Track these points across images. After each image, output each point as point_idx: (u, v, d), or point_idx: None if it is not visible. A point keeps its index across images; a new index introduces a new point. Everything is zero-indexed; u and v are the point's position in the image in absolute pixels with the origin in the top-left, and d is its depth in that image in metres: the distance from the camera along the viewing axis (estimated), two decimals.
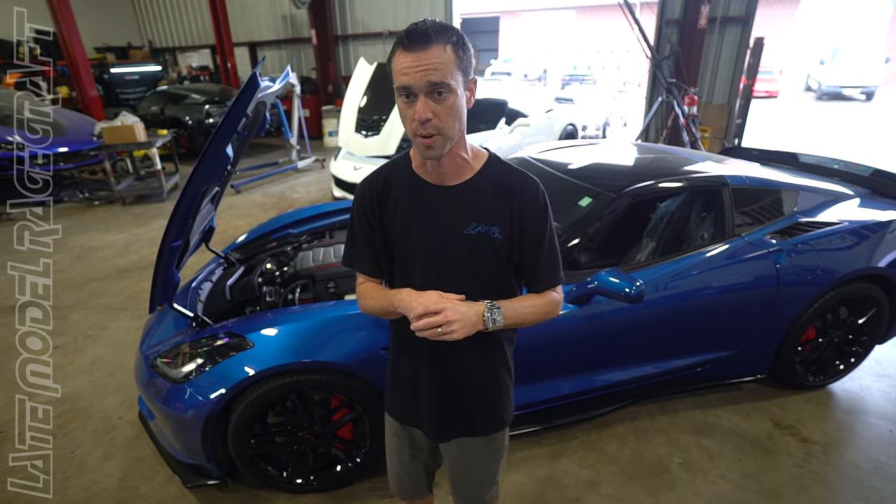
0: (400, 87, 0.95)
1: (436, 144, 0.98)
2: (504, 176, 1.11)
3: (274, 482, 2.04)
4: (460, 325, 1.01)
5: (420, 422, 1.27)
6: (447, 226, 1.09)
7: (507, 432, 1.33)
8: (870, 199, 2.71)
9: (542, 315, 1.15)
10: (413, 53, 0.93)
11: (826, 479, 2.14)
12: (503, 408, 1.27)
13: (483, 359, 1.20)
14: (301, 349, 1.86)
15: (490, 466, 1.32)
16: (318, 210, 3.27)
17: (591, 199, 2.26)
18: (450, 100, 0.96)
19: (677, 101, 7.03)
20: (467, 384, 1.21)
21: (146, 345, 2.15)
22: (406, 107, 0.97)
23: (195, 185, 1.71)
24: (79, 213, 6.09)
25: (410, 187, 1.12)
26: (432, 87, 0.93)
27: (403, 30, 0.95)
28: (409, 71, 0.93)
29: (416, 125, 0.96)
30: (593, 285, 1.91)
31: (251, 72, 1.66)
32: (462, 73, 0.97)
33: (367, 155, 5.54)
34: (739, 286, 2.32)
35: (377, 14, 10.47)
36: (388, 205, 1.14)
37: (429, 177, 1.11)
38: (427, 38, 0.92)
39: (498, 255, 1.10)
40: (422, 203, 1.11)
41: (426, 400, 1.22)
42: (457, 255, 1.09)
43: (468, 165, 1.10)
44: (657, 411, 2.55)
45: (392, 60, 0.97)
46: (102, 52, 13.25)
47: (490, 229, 1.08)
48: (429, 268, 1.11)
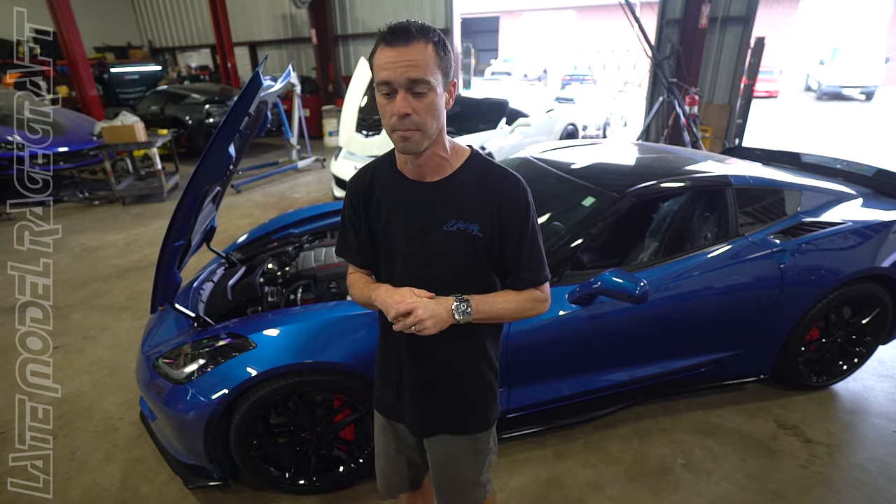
0: (380, 81, 0.96)
1: (413, 138, 0.99)
2: (485, 172, 1.11)
3: (276, 483, 2.04)
4: (432, 322, 1.04)
5: (403, 417, 1.29)
6: (427, 222, 1.10)
7: (493, 434, 1.33)
8: (873, 199, 2.70)
9: (522, 311, 1.15)
10: (394, 49, 0.93)
11: (830, 480, 2.13)
12: (487, 408, 1.27)
13: (463, 355, 1.21)
14: (303, 350, 1.85)
15: (473, 467, 1.31)
16: (318, 210, 3.26)
17: (594, 199, 2.25)
18: (429, 97, 0.96)
19: (678, 101, 7.02)
20: (447, 380, 1.22)
21: (147, 345, 2.14)
22: (385, 102, 0.97)
23: (197, 185, 1.70)
24: (79, 212, 6.08)
25: (392, 183, 1.14)
26: (412, 84, 0.94)
27: (386, 27, 0.96)
28: (389, 66, 0.94)
29: (395, 120, 0.97)
30: (597, 286, 1.90)
31: (252, 71, 1.65)
32: (442, 72, 0.98)
33: (368, 154, 5.52)
34: (743, 286, 2.31)
35: (377, 14, 10.46)
36: (372, 200, 1.16)
37: (409, 173, 1.12)
38: (409, 35, 0.93)
39: (476, 251, 1.10)
40: (403, 199, 1.13)
41: (408, 394, 1.24)
42: (436, 251, 1.10)
43: (447, 163, 1.11)
44: (660, 412, 2.54)
45: (374, 56, 0.98)
46: (102, 51, 13.24)
47: (469, 226, 1.08)
48: (410, 263, 1.13)
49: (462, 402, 1.24)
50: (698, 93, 7.45)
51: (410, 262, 1.13)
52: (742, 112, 7.57)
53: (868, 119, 13.34)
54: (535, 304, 1.16)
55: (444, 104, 1.01)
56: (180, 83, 10.98)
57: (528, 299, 1.15)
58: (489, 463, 1.34)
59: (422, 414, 1.25)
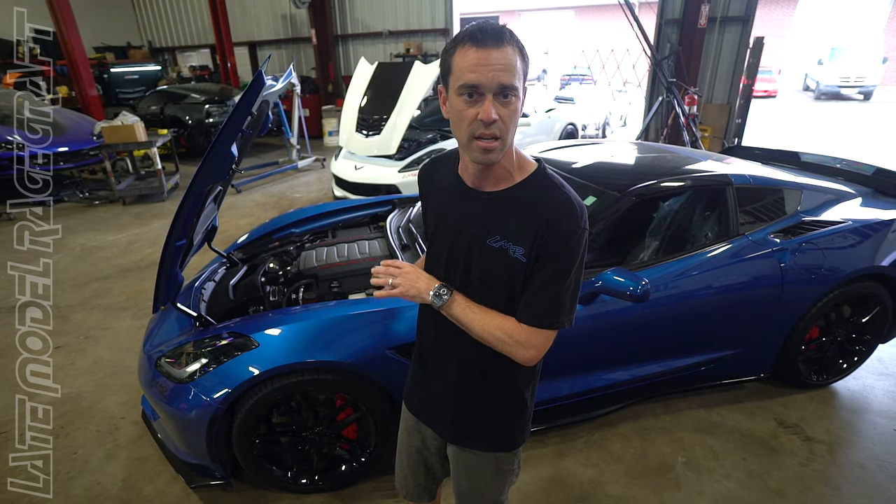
0: (465, 84, 0.89)
1: (496, 149, 0.93)
2: (544, 192, 1.01)
3: (278, 482, 2.04)
4: (404, 282, 1.07)
5: (434, 422, 1.27)
6: (472, 232, 1.05)
7: (519, 455, 1.28)
8: (872, 199, 2.71)
9: (490, 337, 1.02)
10: (485, 51, 0.87)
11: (830, 478, 2.14)
12: (515, 429, 1.21)
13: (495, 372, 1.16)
14: (306, 349, 1.85)
15: (494, 487, 1.27)
16: (319, 210, 3.26)
17: (594, 199, 2.26)
18: (514, 104, 0.91)
19: (677, 101, 7.03)
20: (482, 394, 1.18)
21: (150, 344, 2.14)
22: (467, 106, 0.91)
23: (200, 184, 1.71)
24: (79, 212, 6.08)
25: (450, 186, 1.11)
26: (501, 89, 0.89)
27: (467, 28, 0.90)
28: (479, 69, 0.87)
29: (478, 126, 0.90)
30: (598, 284, 1.90)
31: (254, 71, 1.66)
32: (524, 78, 0.94)
33: (368, 154, 5.53)
34: (743, 285, 2.31)
35: (377, 14, 10.47)
36: (430, 196, 1.18)
37: (469, 179, 1.06)
38: (501, 37, 0.88)
39: (512, 275, 1.01)
40: (455, 205, 1.09)
41: (442, 401, 1.22)
42: (474, 264, 1.06)
43: (510, 175, 1.03)
44: (661, 410, 2.55)
45: (454, 56, 0.91)
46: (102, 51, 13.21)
47: (512, 247, 1.00)
48: (450, 268, 1.10)
49: (487, 420, 1.20)
50: (697, 92, 7.47)
51: (450, 267, 1.10)
52: (741, 112, 7.59)
53: (866, 119, 13.36)
54: (510, 341, 1.01)
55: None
56: (180, 83, 10.97)
57: (507, 331, 1.02)
58: (510, 483, 1.31)
59: (451, 421, 1.22)
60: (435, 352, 1.20)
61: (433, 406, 1.25)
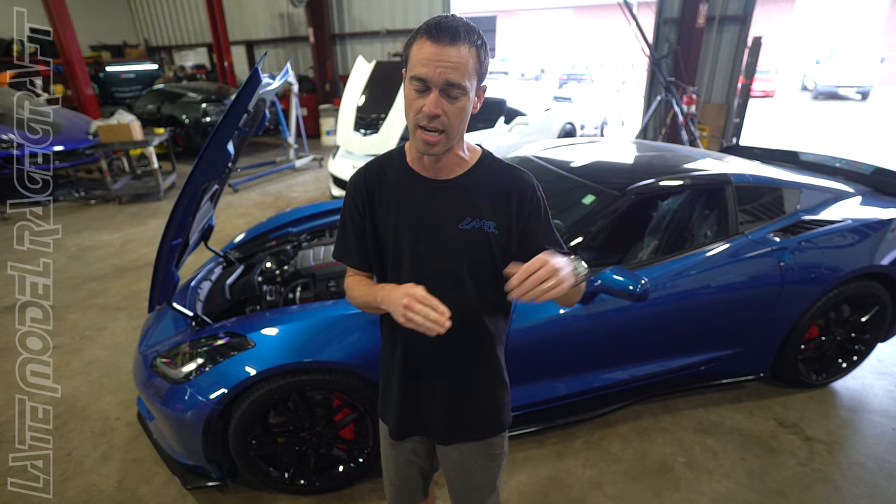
0: (415, 76, 0.93)
1: (438, 142, 0.98)
2: (498, 171, 1.12)
3: (275, 483, 2.02)
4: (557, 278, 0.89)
5: (419, 428, 1.25)
6: (441, 220, 1.08)
7: (506, 437, 1.31)
8: (871, 197, 2.71)
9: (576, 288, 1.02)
10: (438, 46, 0.90)
11: (830, 477, 2.13)
12: (501, 411, 1.25)
13: (480, 359, 1.18)
14: (303, 349, 1.84)
15: (489, 473, 1.29)
16: (317, 209, 3.25)
17: (594, 197, 2.25)
18: (461, 102, 0.95)
19: (676, 100, 7.03)
20: (464, 387, 1.19)
21: (145, 344, 2.13)
22: (415, 96, 0.95)
23: (196, 182, 1.69)
24: (75, 212, 6.04)
25: (404, 181, 1.11)
26: (448, 86, 0.92)
27: (431, 19, 0.93)
28: (428, 62, 0.91)
29: (422, 117, 0.95)
30: (598, 283, 1.89)
31: (251, 68, 1.64)
32: (478, 77, 0.97)
33: (366, 153, 5.51)
34: (743, 284, 2.30)
35: (375, 13, 10.43)
36: (380, 198, 1.12)
37: (424, 171, 1.09)
38: (455, 35, 0.90)
39: (492, 249, 1.09)
40: (415, 197, 1.10)
41: (426, 404, 1.20)
42: (451, 248, 1.08)
43: (464, 161, 1.10)
44: (660, 410, 2.54)
45: (412, 46, 0.94)
46: (98, 50, 13.17)
47: (485, 223, 1.08)
48: (421, 262, 1.10)
49: (478, 409, 1.21)
50: (696, 92, 7.46)
51: (421, 261, 1.10)
52: (739, 111, 7.59)
53: (864, 118, 13.39)
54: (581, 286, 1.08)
55: (471, 108, 1.00)
56: (178, 82, 10.93)
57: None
58: (502, 468, 1.32)
59: (444, 422, 1.21)
60: (428, 361, 1.17)
61: (424, 416, 1.22)
